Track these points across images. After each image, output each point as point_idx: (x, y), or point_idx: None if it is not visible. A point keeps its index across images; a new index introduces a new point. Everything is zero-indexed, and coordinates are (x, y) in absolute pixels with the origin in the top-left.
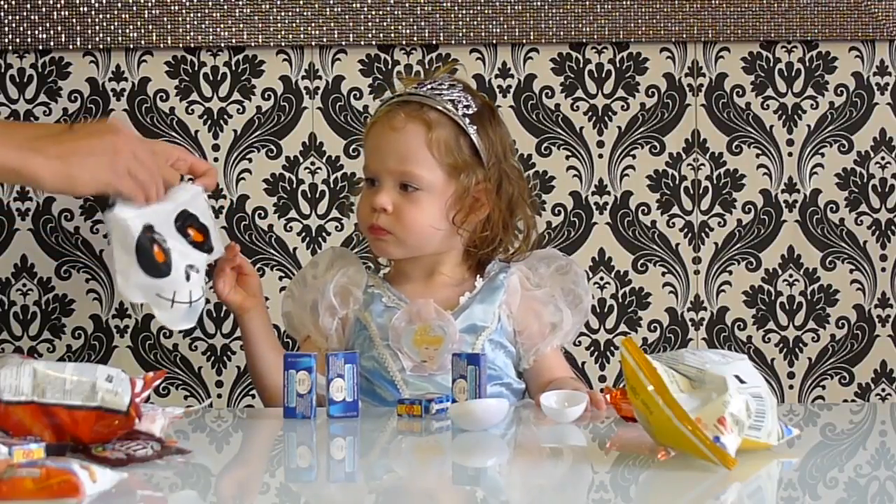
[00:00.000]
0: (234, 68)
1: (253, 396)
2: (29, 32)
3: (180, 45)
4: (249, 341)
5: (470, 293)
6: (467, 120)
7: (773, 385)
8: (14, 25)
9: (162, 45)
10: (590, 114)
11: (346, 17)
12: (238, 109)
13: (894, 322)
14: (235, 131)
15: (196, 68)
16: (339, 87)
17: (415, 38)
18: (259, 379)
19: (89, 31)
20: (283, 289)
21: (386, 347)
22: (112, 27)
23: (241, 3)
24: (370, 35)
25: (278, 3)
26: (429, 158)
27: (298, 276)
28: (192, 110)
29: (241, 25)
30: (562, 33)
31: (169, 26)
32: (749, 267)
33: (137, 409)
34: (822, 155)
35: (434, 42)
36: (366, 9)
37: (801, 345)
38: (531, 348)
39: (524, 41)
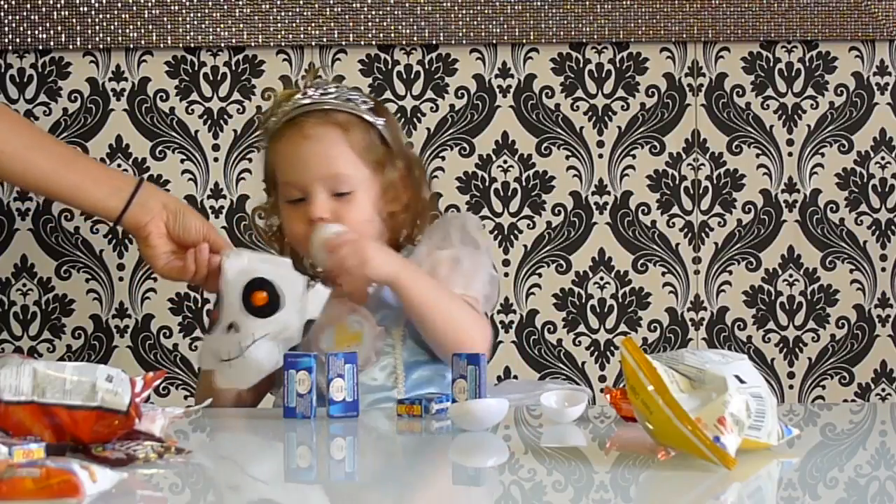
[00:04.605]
0: (234, 68)
1: None
2: (29, 32)
3: (180, 45)
4: None
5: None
6: (373, 114)
7: (773, 385)
8: (14, 25)
9: (162, 45)
10: (590, 114)
11: (346, 17)
12: (238, 109)
13: (894, 322)
14: (235, 131)
15: (196, 68)
16: None
17: (415, 38)
18: None
19: (89, 31)
20: None
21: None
22: (112, 27)
23: (241, 3)
24: (370, 35)
25: (278, 3)
26: (354, 158)
27: None
28: (192, 110)
29: (241, 25)
30: (562, 33)
31: (169, 26)
32: (749, 267)
33: (137, 409)
34: (822, 155)
35: (434, 42)
36: (366, 9)
37: (801, 345)
38: None
39: (524, 41)
